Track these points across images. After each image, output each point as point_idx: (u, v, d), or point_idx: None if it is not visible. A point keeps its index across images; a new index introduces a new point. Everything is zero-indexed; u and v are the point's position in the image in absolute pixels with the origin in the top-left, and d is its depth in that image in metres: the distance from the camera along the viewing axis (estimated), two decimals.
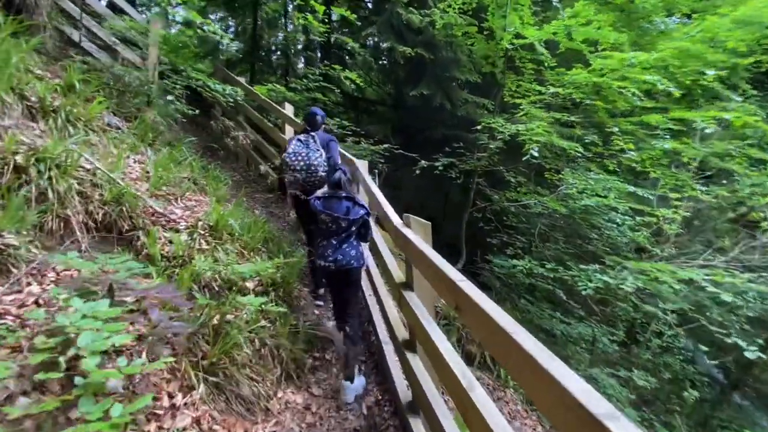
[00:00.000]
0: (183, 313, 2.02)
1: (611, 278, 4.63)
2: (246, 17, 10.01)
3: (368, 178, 3.57)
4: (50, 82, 3.59)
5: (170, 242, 2.59)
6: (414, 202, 12.83)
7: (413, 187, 12.70)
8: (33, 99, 3.06)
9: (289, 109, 5.58)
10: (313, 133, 3.37)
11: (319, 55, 10.48)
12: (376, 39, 8.84)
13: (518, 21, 6.90)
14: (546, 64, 7.25)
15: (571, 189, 6.76)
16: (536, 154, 5.48)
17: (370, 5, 9.88)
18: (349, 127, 6.73)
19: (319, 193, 2.85)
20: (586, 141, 6.35)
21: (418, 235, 2.13)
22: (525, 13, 6.83)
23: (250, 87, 6.40)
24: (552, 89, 6.49)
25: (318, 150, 3.27)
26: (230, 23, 11.67)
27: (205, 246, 2.74)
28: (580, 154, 6.34)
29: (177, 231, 2.71)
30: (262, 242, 3.46)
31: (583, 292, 4.70)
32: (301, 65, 10.84)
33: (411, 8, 7.83)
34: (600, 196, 6.03)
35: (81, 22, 4.82)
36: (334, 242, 2.59)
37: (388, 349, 2.77)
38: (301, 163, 3.21)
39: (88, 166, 2.59)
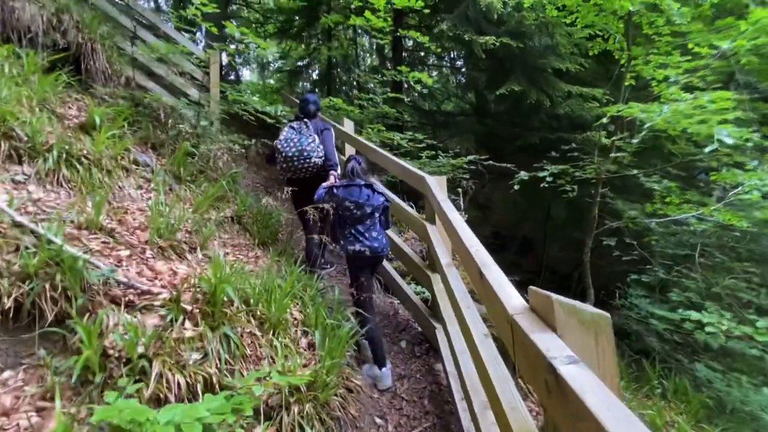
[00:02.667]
0: None
1: None
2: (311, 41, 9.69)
3: (444, 202, 2.29)
4: (69, 118, 3.11)
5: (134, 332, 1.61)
6: (505, 222, 10.99)
7: (504, 204, 10.92)
8: (24, 138, 2.49)
9: (348, 126, 4.63)
10: (306, 121, 3.37)
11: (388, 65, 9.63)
12: (450, 37, 7.65)
13: None
14: (686, 24, 5.21)
15: (747, 193, 4.54)
16: (729, 140, 3.60)
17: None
18: (423, 140, 5.54)
19: (336, 182, 2.92)
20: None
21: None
22: None
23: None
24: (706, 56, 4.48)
25: (311, 136, 3.27)
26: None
27: (189, 333, 1.72)
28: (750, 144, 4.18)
29: (148, 310, 1.74)
30: (300, 302, 2.40)
31: None
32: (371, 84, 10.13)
33: None
34: None
35: (134, 58, 4.52)
36: (361, 229, 2.66)
37: None
38: (293, 149, 3.23)
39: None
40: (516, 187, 5.19)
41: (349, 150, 4.50)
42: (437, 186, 2.61)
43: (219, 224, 3.56)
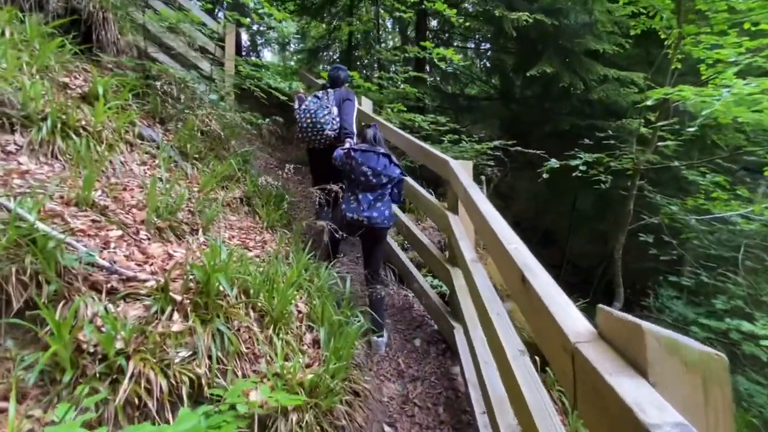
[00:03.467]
0: None
1: None
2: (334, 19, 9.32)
3: (471, 188, 2.01)
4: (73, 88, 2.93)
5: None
6: (527, 212, 10.54)
7: (527, 194, 10.48)
8: (17, 105, 2.31)
9: (366, 105, 4.33)
10: (329, 90, 3.39)
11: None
12: (479, 13, 7.16)
13: None
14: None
15: None
16: None
17: None
18: (446, 123, 5.19)
19: (355, 146, 2.82)
20: None
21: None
22: None
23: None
24: None
25: (327, 108, 3.26)
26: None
27: (176, 327, 1.52)
28: None
29: (133, 299, 1.55)
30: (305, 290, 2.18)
31: None
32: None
33: None
34: None
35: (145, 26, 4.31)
36: (370, 197, 2.59)
37: None
38: (307, 121, 3.26)
39: None
40: (545, 175, 4.82)
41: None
42: (462, 171, 2.31)
43: (226, 205, 3.37)
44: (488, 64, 10.71)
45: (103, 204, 2.09)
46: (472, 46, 10.54)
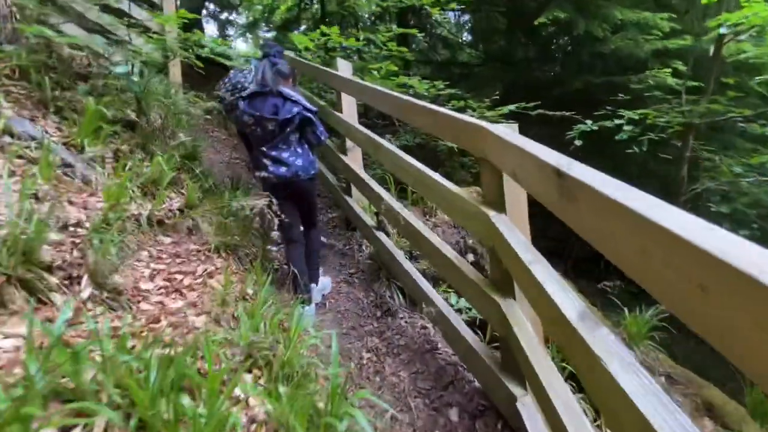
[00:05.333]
0: None
1: None
2: None
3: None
4: None
5: None
6: None
7: None
8: None
9: (344, 69, 3.29)
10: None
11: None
12: None
13: None
14: None
15: None
16: None
17: None
18: (445, 88, 4.17)
19: (245, 93, 2.41)
20: None
21: None
22: None
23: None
24: None
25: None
26: None
27: None
28: None
29: None
30: None
31: None
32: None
33: None
34: None
35: None
36: (267, 150, 2.29)
37: None
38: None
39: None
40: (577, 142, 3.85)
41: (346, 102, 3.19)
42: (515, 141, 1.33)
43: (156, 223, 2.37)
44: (474, 26, 9.54)
45: None
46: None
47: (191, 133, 3.84)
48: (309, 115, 2.29)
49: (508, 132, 1.37)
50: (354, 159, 3.25)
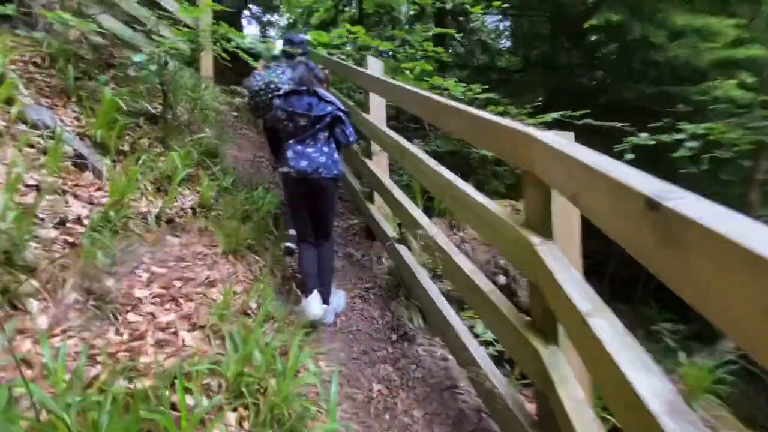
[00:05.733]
0: None
1: None
2: None
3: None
4: None
5: None
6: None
7: None
8: None
9: (375, 68, 3.09)
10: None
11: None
12: None
13: None
14: None
15: None
16: None
17: None
18: (482, 92, 3.88)
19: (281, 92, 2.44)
20: None
21: None
22: None
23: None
24: None
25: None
26: None
27: None
28: None
29: None
30: None
31: None
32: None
33: None
34: None
35: None
36: (299, 146, 2.22)
37: None
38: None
39: None
40: (628, 156, 3.46)
41: (375, 102, 2.98)
42: (577, 158, 1.05)
43: (168, 222, 2.25)
44: (514, 31, 9.13)
45: None
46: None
47: (218, 129, 3.76)
48: (341, 114, 2.26)
49: (564, 143, 1.09)
50: (378, 164, 3.03)
